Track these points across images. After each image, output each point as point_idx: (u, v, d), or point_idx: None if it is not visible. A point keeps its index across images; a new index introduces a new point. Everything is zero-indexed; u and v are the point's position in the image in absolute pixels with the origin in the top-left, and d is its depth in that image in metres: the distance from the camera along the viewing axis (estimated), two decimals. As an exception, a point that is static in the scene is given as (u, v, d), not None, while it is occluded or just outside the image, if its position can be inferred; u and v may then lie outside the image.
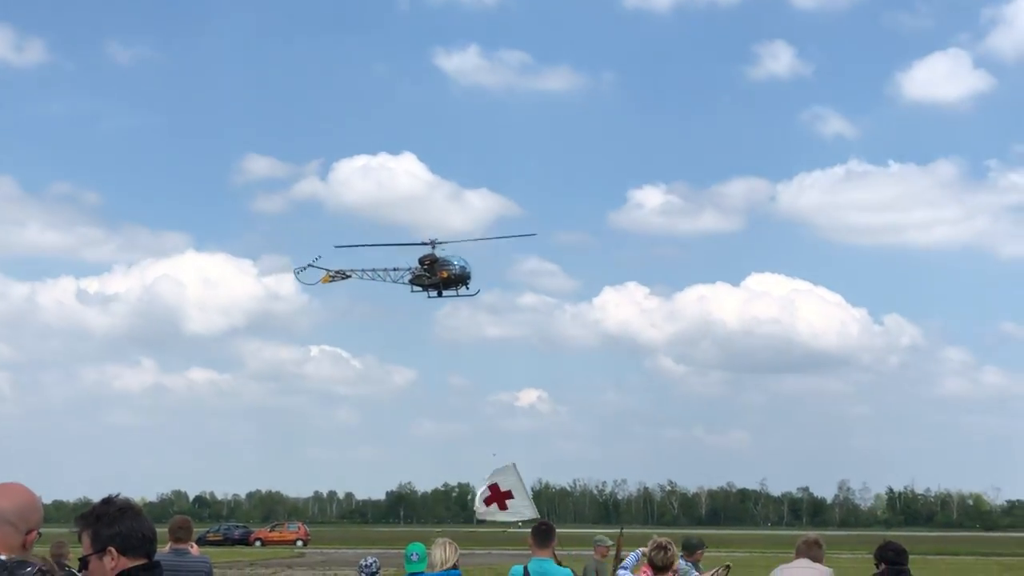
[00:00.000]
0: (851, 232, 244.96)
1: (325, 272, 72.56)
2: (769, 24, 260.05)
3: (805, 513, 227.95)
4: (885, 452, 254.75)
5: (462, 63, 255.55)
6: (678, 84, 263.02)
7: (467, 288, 69.89)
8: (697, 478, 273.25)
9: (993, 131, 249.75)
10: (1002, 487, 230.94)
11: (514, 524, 23.78)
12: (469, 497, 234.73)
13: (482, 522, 10.83)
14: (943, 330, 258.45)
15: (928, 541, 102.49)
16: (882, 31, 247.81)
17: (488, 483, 20.01)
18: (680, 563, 15.44)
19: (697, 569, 14.97)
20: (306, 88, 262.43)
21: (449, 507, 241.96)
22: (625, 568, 10.57)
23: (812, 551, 10.98)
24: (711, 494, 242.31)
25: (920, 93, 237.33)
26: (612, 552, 18.73)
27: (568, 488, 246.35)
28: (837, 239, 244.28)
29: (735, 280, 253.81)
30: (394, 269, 70.54)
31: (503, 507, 19.95)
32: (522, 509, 19.94)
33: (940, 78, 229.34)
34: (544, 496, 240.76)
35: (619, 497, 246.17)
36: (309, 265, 72.75)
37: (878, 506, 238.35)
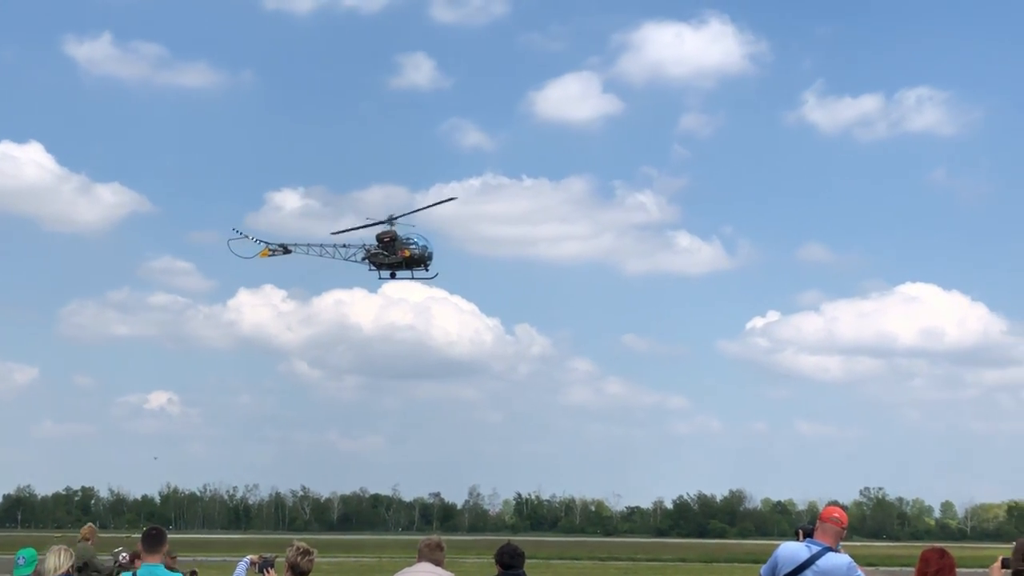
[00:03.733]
0: (486, 243, 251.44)
1: (264, 246, 64.68)
2: (411, 35, 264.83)
3: (436, 518, 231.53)
4: (514, 458, 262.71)
5: (94, 52, 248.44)
6: (319, 88, 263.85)
7: (425, 270, 63.09)
8: (330, 483, 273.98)
9: (620, 152, 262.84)
10: (622, 493, 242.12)
11: None
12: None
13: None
14: (570, 341, 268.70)
15: (551, 546, 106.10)
16: (518, 50, 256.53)
17: None
18: None
19: None
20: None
21: (71, 511, 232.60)
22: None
23: (434, 555, 11.15)
24: (344, 499, 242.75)
25: (553, 112, 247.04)
26: None
27: (198, 493, 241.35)
28: (473, 249, 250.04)
29: (372, 286, 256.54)
30: (344, 246, 63.46)
31: None
32: None
33: (572, 99, 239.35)
34: (172, 501, 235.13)
35: (250, 502, 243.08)
36: (244, 236, 64.72)
37: (506, 511, 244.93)
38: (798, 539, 10.62)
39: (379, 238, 61.99)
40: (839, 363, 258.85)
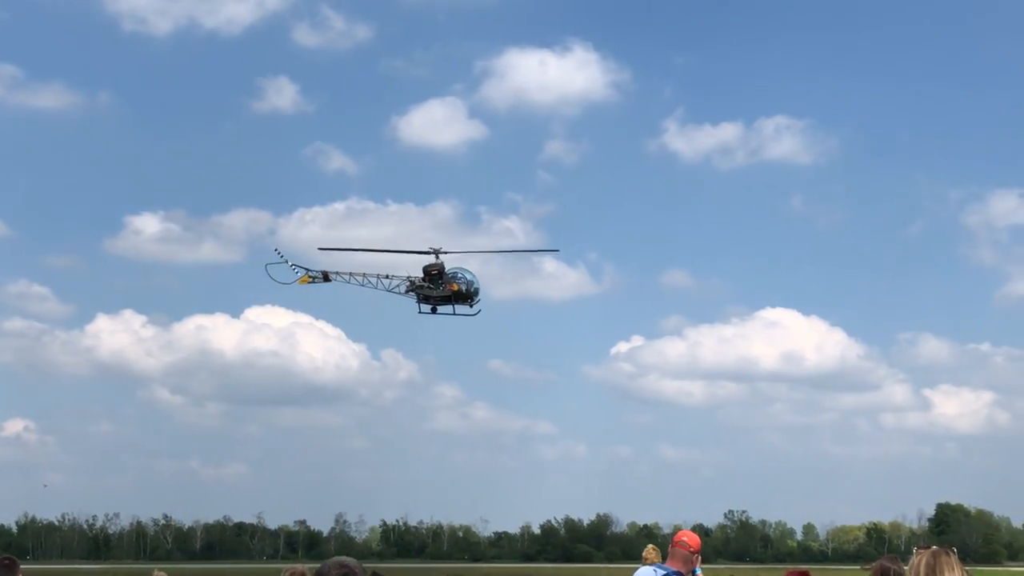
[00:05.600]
0: (352, 267, 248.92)
1: (305, 272, 62.22)
2: (273, 59, 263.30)
3: (301, 546, 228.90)
4: (381, 485, 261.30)
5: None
6: (179, 111, 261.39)
7: (470, 306, 60.22)
8: (193, 511, 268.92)
9: (486, 178, 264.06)
10: (489, 519, 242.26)
11: None
12: None
13: None
14: (437, 366, 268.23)
15: (419, 573, 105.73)
16: (381, 75, 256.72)
17: None
18: None
19: None
20: None
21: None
22: None
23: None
24: (207, 528, 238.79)
25: (417, 137, 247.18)
26: None
27: (56, 523, 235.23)
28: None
29: (235, 311, 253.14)
30: (387, 277, 61.10)
31: None
32: None
33: (436, 124, 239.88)
34: (30, 531, 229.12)
35: (110, 531, 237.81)
36: (286, 262, 62.13)
37: (373, 538, 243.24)
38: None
39: (426, 271, 60.04)
40: (702, 388, 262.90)
